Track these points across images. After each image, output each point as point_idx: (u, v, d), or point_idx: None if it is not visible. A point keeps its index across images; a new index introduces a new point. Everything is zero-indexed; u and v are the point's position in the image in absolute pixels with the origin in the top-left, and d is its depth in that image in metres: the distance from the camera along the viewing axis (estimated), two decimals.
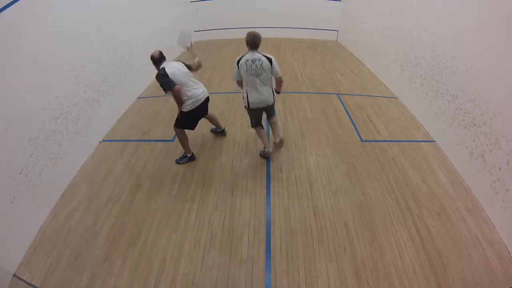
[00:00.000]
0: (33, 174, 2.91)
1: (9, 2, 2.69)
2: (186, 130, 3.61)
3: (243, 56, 3.14)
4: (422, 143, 4.15)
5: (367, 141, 4.18)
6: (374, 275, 2.46)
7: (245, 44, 3.11)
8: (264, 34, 9.77)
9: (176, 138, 3.76)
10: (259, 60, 3.06)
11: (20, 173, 2.76)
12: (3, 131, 2.59)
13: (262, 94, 3.22)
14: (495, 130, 3.02)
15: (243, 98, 3.34)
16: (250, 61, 3.07)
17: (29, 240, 2.80)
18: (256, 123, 3.58)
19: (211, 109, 5.01)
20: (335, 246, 2.71)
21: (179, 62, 3.48)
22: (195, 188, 3.38)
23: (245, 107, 3.42)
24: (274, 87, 3.39)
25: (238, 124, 4.58)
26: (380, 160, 3.79)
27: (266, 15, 9.29)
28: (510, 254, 2.62)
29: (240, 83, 3.34)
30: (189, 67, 3.52)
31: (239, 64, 3.13)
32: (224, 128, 4.28)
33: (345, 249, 2.68)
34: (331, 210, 3.07)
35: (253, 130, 3.89)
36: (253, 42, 3.06)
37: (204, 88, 3.54)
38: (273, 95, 3.34)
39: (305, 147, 4.03)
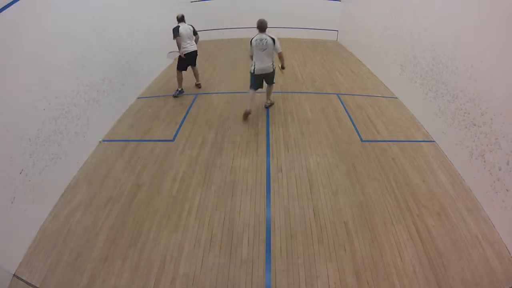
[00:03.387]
0: (33, 174, 2.91)
1: (9, 2, 2.69)
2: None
3: (254, 36, 4.25)
4: (422, 143, 4.15)
5: (367, 141, 4.18)
6: (374, 275, 2.46)
7: (245, 43, 3.21)
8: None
9: (176, 138, 4.22)
10: (263, 39, 4.20)
11: (20, 173, 2.75)
12: (4, 131, 2.59)
13: (265, 63, 4.35)
14: (495, 130, 3.02)
15: (251, 66, 4.45)
16: (256, 40, 4.22)
17: (29, 240, 2.80)
18: (252, 86, 4.58)
19: (212, 109, 5.05)
20: (335, 246, 2.71)
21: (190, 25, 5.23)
22: (195, 188, 3.38)
23: (250, 72, 4.49)
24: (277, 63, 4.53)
25: (238, 124, 4.58)
26: (380, 160, 3.79)
27: (266, 15, 9.24)
28: (510, 254, 2.62)
29: (251, 57, 4.45)
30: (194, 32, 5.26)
31: (254, 41, 4.25)
32: (200, 84, 5.87)
33: (345, 249, 2.68)
34: (331, 210, 3.07)
35: (253, 130, 4.36)
36: (261, 26, 4.26)
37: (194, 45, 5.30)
38: (273, 66, 4.40)
39: (305, 147, 4.03)
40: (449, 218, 2.98)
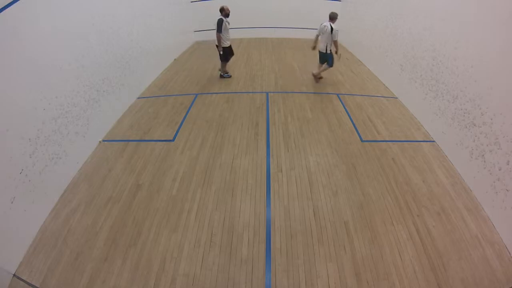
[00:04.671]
0: (33, 174, 2.91)
1: (9, 2, 2.69)
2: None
3: (323, 22, 5.53)
4: (422, 143, 4.15)
5: (367, 141, 4.18)
6: (374, 275, 2.46)
7: (245, 43, 3.21)
8: (264, 34, 9.75)
9: (176, 138, 4.23)
10: (326, 26, 5.38)
11: (20, 173, 2.75)
12: (3, 131, 2.59)
13: (321, 44, 5.61)
14: (495, 130, 3.02)
15: None
16: (322, 25, 5.47)
17: (29, 240, 2.80)
18: (319, 60, 5.97)
19: (212, 109, 5.05)
20: (335, 246, 2.71)
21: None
22: (195, 188, 3.38)
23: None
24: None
25: (238, 124, 4.58)
26: (380, 160, 3.79)
27: (266, 15, 9.30)
28: (510, 254, 2.62)
29: (316, 36, 5.72)
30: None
31: (320, 25, 5.56)
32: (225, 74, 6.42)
33: (345, 249, 2.68)
34: (331, 210, 3.07)
35: (253, 130, 4.42)
36: (330, 16, 5.42)
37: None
38: (326, 48, 5.56)
39: (305, 147, 4.03)
40: (449, 218, 2.98)
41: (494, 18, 3.09)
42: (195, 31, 9.41)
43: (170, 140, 4.23)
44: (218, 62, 7.23)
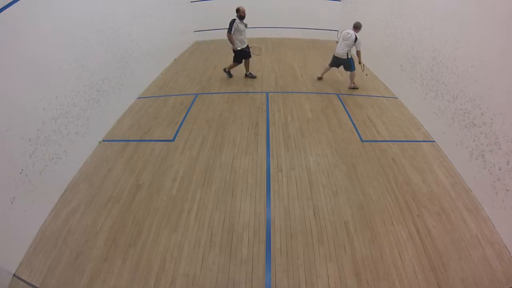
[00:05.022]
0: (33, 174, 2.91)
1: (9, 2, 2.69)
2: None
3: (346, 29, 5.50)
4: (422, 143, 4.15)
5: (367, 141, 4.18)
6: (374, 275, 2.46)
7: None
8: (264, 34, 9.79)
9: (176, 138, 4.24)
10: (349, 33, 5.36)
11: (20, 173, 2.75)
12: (3, 131, 2.59)
13: (341, 50, 5.52)
14: (495, 130, 3.02)
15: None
16: (345, 31, 5.44)
17: (29, 240, 2.80)
18: (331, 63, 5.94)
19: (212, 109, 5.05)
20: (335, 246, 2.71)
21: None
22: (195, 188, 3.38)
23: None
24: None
25: (238, 124, 4.58)
26: (380, 160, 3.79)
27: (266, 15, 9.29)
28: (510, 254, 2.62)
29: (337, 41, 5.75)
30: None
31: (343, 31, 5.54)
32: (250, 73, 6.37)
33: (345, 249, 2.68)
34: (331, 210, 3.07)
35: (253, 130, 4.41)
36: (354, 25, 5.37)
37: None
38: (347, 54, 5.52)
39: (305, 147, 4.03)
40: (449, 218, 2.98)
41: (494, 18, 3.09)
42: (195, 31, 9.41)
43: (170, 140, 4.23)
44: (218, 62, 7.27)
